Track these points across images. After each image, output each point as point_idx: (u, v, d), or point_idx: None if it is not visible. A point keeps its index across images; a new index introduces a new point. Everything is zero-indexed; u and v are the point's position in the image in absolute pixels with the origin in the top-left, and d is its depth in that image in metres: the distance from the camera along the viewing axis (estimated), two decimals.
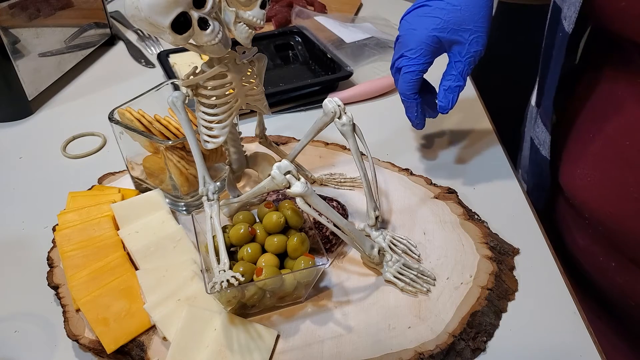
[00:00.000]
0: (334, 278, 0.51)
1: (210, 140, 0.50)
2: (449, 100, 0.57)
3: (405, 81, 0.57)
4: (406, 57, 0.57)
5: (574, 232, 0.60)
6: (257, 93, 0.52)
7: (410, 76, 0.57)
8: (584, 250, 0.59)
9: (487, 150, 0.70)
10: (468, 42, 0.55)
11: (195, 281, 0.49)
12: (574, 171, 0.57)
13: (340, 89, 0.83)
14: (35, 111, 0.82)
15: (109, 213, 0.56)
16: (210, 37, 0.42)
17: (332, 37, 0.97)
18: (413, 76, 0.57)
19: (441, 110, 0.58)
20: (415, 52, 0.56)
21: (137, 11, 0.39)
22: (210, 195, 0.50)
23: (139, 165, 0.60)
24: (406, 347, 0.45)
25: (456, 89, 0.56)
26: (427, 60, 0.56)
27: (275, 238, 0.48)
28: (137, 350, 0.45)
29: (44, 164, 0.71)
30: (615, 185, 0.52)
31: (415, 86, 0.58)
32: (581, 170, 0.56)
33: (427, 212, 0.58)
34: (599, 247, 0.57)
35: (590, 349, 0.45)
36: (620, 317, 0.59)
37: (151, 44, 1.03)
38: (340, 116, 0.52)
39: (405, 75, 0.57)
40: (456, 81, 0.56)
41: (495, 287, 0.49)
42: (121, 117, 0.58)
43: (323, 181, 0.63)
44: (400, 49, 0.58)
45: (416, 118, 0.60)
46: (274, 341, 0.46)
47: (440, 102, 0.57)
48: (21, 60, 0.78)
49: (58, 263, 0.53)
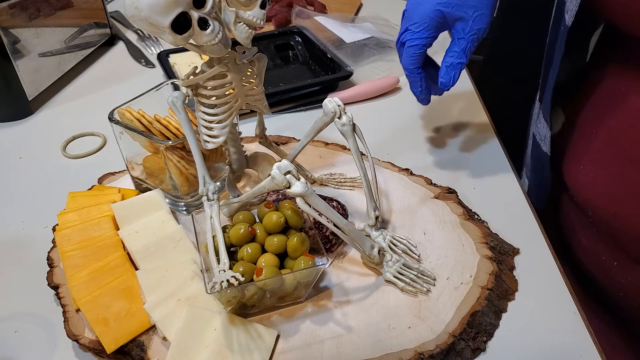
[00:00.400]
0: (334, 278, 0.51)
1: (210, 140, 0.50)
2: (450, 77, 0.56)
3: (409, 55, 0.57)
4: (410, 31, 0.57)
5: (578, 230, 0.60)
6: (257, 93, 0.52)
7: (414, 50, 0.57)
8: (587, 249, 0.59)
9: (487, 150, 0.70)
10: (472, 19, 0.54)
11: (195, 281, 0.49)
12: (577, 168, 0.57)
13: (340, 89, 0.83)
14: (35, 111, 0.82)
15: (109, 213, 0.56)
16: (210, 37, 0.42)
17: (332, 37, 0.97)
18: (416, 50, 0.57)
19: (442, 86, 0.57)
20: (419, 25, 0.56)
21: (137, 11, 0.39)
22: (210, 195, 0.50)
23: (139, 165, 0.60)
24: (406, 347, 0.45)
25: (458, 65, 0.56)
26: (430, 35, 0.56)
27: (275, 238, 0.48)
28: (137, 350, 0.45)
29: (44, 164, 0.71)
30: (617, 182, 0.52)
31: (419, 60, 0.57)
32: (584, 167, 0.56)
33: (427, 212, 0.58)
34: (602, 246, 0.57)
35: (590, 349, 0.45)
36: (620, 318, 0.59)
37: (151, 44, 1.03)
38: (340, 116, 0.52)
39: (408, 49, 0.57)
40: (458, 58, 0.56)
41: (495, 287, 0.49)
42: (121, 117, 0.58)
43: (323, 181, 0.63)
44: (405, 23, 0.58)
45: (420, 93, 0.60)
46: (274, 341, 0.46)
47: (442, 78, 0.57)
48: (21, 60, 0.78)
49: (58, 263, 0.53)
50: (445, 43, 0.58)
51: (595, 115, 0.56)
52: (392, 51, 0.95)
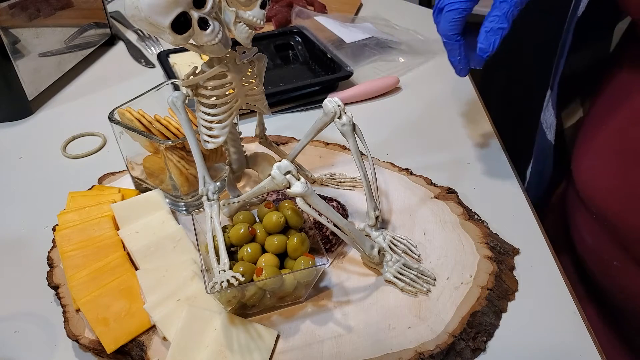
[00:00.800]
0: (334, 278, 0.51)
1: (210, 140, 0.50)
2: (490, 43, 0.52)
3: (448, 20, 0.53)
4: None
5: (582, 227, 0.60)
6: (257, 93, 0.52)
7: (453, 14, 0.53)
8: (590, 247, 0.59)
9: (487, 150, 0.70)
10: None
11: (195, 281, 0.49)
12: (583, 163, 0.57)
13: (340, 89, 0.83)
14: (35, 111, 0.82)
15: (109, 213, 0.56)
16: (210, 37, 0.42)
17: (332, 37, 0.97)
18: (456, 14, 0.53)
19: (481, 52, 0.53)
20: None
21: (137, 11, 0.39)
22: (210, 195, 0.50)
23: (139, 165, 0.60)
24: (406, 347, 0.45)
25: (499, 31, 0.52)
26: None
27: (275, 238, 0.48)
28: (137, 350, 0.45)
29: (44, 164, 0.71)
30: (620, 180, 0.52)
31: (458, 26, 0.54)
32: (589, 162, 0.56)
33: (427, 212, 0.58)
34: (604, 244, 0.56)
35: (590, 349, 0.45)
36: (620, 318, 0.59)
37: (151, 44, 1.03)
38: (340, 116, 0.52)
39: (447, 13, 0.53)
40: (499, 23, 0.51)
41: (495, 287, 0.49)
42: (121, 117, 0.58)
43: (323, 181, 0.63)
44: None
45: (459, 63, 0.56)
46: (274, 341, 0.46)
47: (481, 44, 0.52)
48: (21, 60, 0.78)
49: (58, 263, 0.53)
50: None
51: (604, 110, 0.55)
52: (392, 51, 0.95)
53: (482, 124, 0.75)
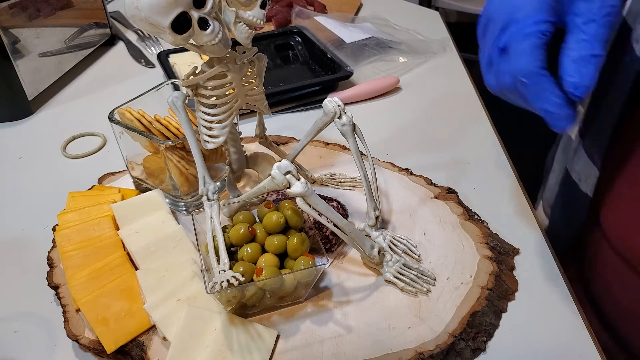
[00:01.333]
0: (334, 278, 0.51)
1: (210, 140, 0.50)
2: (582, 75, 0.37)
3: (525, 51, 0.38)
4: (515, 21, 0.39)
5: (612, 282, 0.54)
6: (257, 93, 0.52)
7: (530, 40, 0.38)
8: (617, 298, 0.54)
9: (487, 150, 0.70)
10: None
11: (195, 281, 0.49)
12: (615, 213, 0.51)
13: (340, 89, 0.83)
14: (35, 111, 0.82)
15: (109, 213, 0.56)
16: (210, 37, 0.42)
17: (332, 37, 0.97)
18: (536, 39, 0.38)
19: (572, 89, 0.38)
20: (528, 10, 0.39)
21: (137, 11, 0.39)
22: (210, 195, 0.50)
23: (139, 165, 0.60)
24: (406, 347, 0.45)
25: (591, 58, 0.37)
26: (547, 19, 0.38)
27: (275, 238, 0.48)
28: (137, 350, 0.45)
29: (44, 164, 0.71)
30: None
31: (541, 54, 0.38)
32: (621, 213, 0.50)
33: (427, 212, 0.58)
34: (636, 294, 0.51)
35: (590, 349, 0.45)
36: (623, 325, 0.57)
37: (151, 44, 1.03)
38: (340, 116, 0.52)
39: (522, 44, 0.39)
40: (590, 49, 0.38)
41: (495, 287, 0.49)
42: (121, 117, 0.58)
43: (323, 181, 0.63)
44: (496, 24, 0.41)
45: (559, 107, 0.38)
46: (274, 341, 0.46)
47: (571, 77, 0.38)
48: (21, 60, 0.78)
49: (58, 263, 0.53)
50: None
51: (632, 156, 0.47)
52: (392, 51, 0.95)
53: (482, 124, 0.75)
